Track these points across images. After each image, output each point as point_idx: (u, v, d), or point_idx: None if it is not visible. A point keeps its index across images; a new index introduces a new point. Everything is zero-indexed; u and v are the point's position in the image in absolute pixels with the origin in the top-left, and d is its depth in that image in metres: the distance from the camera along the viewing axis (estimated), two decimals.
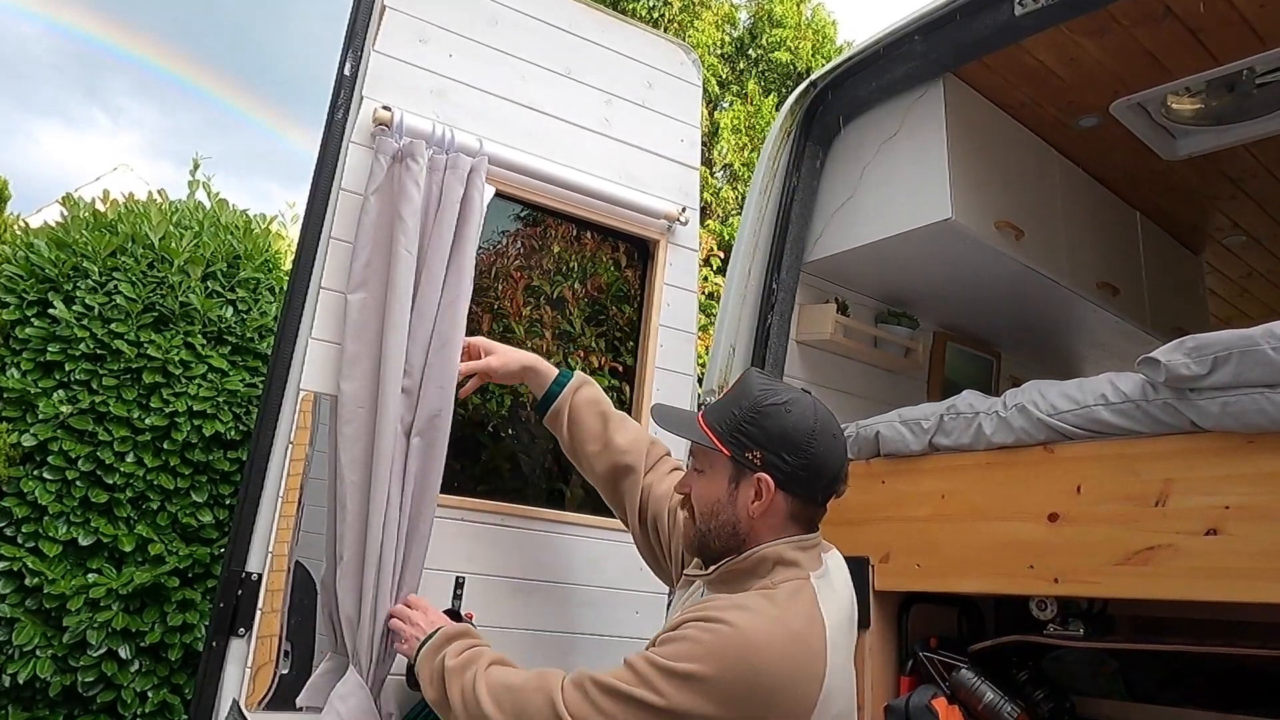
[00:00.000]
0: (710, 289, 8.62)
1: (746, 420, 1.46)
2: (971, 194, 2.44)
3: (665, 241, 2.40)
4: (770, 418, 1.46)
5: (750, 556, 1.46)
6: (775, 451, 1.45)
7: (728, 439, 1.47)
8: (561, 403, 1.92)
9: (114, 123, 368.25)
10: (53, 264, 2.65)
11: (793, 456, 1.45)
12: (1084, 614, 2.13)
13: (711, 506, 1.50)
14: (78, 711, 2.48)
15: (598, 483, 1.93)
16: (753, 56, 12.48)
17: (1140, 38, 2.29)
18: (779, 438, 1.45)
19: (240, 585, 1.79)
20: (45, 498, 2.47)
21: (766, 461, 1.45)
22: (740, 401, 1.49)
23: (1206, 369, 1.72)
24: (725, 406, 1.51)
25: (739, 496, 1.47)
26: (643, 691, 1.32)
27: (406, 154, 1.95)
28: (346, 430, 1.85)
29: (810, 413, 1.48)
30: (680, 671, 1.31)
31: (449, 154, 2.00)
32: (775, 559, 1.45)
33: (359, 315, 1.90)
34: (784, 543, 1.46)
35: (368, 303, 1.91)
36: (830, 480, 1.49)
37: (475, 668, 1.53)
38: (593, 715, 1.35)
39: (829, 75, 2.60)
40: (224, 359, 2.77)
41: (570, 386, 1.93)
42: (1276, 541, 1.63)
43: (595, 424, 1.90)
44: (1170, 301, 3.32)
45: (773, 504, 1.46)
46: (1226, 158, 2.86)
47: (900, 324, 2.96)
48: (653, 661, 1.35)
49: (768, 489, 1.45)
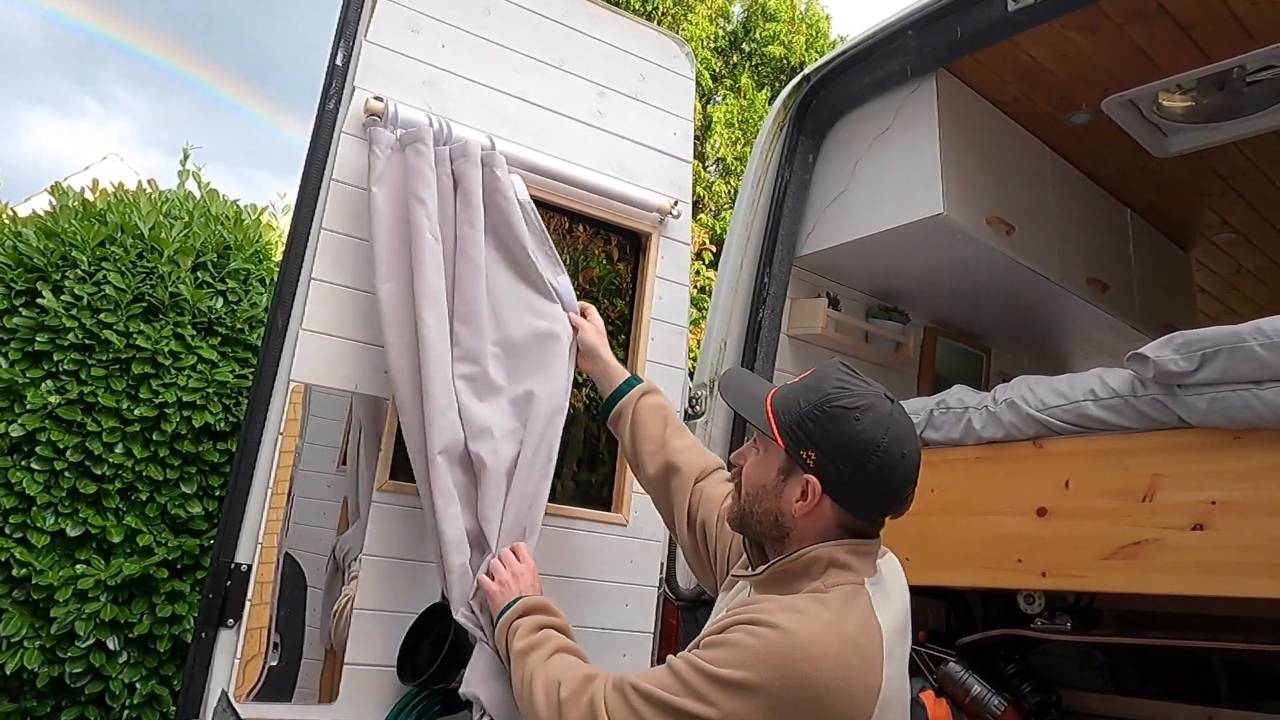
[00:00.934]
0: (702, 283, 8.63)
1: (809, 416, 1.36)
2: (963, 189, 2.44)
3: (657, 235, 2.39)
4: (835, 420, 1.34)
5: (802, 557, 1.38)
6: (831, 457, 1.34)
7: (786, 430, 1.38)
8: (626, 404, 1.93)
9: (105, 111, 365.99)
10: (41, 253, 2.64)
11: (849, 467, 1.34)
12: (1071, 608, 2.15)
13: (758, 490, 1.43)
14: (66, 702, 2.47)
15: (650, 483, 1.91)
16: (746, 50, 12.47)
17: (1132, 34, 2.29)
18: (839, 444, 1.34)
19: (229, 576, 1.79)
20: (33, 488, 2.45)
21: (820, 465, 1.35)
22: (810, 394, 1.38)
23: (1195, 365, 1.73)
24: (795, 394, 1.41)
25: (785, 490, 1.39)
26: (689, 702, 1.26)
27: (411, 140, 1.93)
28: (407, 419, 1.87)
29: (882, 426, 1.34)
30: (729, 679, 1.24)
31: (449, 145, 1.99)
32: (829, 561, 1.36)
33: (392, 307, 1.89)
34: (838, 545, 1.37)
35: (397, 292, 1.90)
36: (889, 500, 1.39)
37: (537, 656, 1.51)
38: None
39: (822, 70, 2.61)
40: (214, 350, 2.75)
41: (638, 390, 1.94)
42: (1262, 536, 1.65)
43: (656, 427, 1.89)
44: (1159, 298, 3.34)
45: (818, 508, 1.37)
46: (1217, 155, 2.87)
47: (891, 319, 2.96)
48: (699, 668, 1.27)
49: (814, 492, 1.36)
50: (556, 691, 1.40)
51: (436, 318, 1.88)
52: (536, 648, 1.54)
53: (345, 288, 1.97)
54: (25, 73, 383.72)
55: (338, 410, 1.95)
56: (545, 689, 1.43)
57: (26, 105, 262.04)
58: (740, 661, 1.24)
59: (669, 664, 1.32)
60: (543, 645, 1.54)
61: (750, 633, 1.26)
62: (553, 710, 1.39)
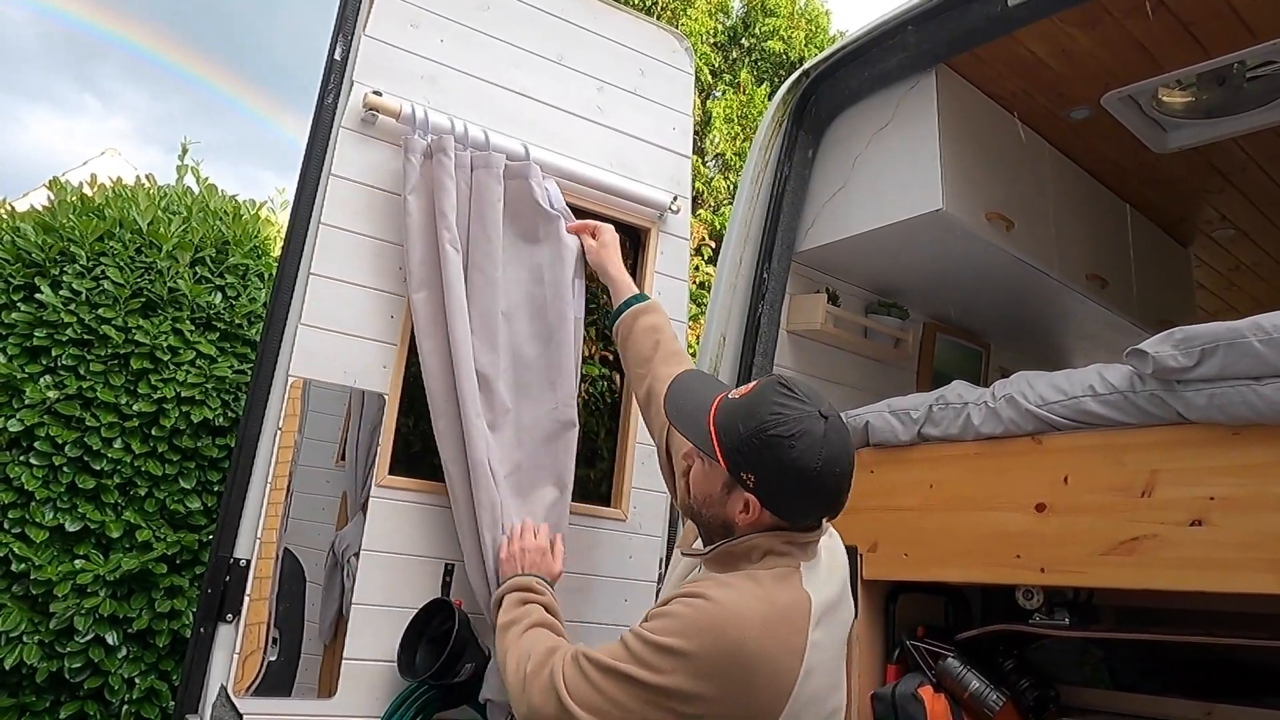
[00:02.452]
0: (701, 278, 8.62)
1: (747, 443, 1.41)
2: (962, 185, 2.44)
3: (656, 230, 2.39)
4: (771, 449, 1.39)
5: (744, 542, 1.47)
6: (768, 481, 1.42)
7: (727, 454, 1.44)
8: (622, 323, 2.02)
9: (105, 107, 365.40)
10: (39, 248, 2.63)
11: (786, 489, 1.42)
12: (1069, 603, 2.15)
13: (705, 497, 1.52)
14: (65, 697, 2.47)
15: (640, 404, 1.99)
16: (745, 46, 12.46)
17: (1132, 29, 2.29)
18: (775, 471, 1.40)
19: (228, 571, 1.79)
20: (32, 483, 2.45)
21: (758, 486, 1.42)
22: (749, 420, 1.42)
23: (1194, 361, 1.73)
24: (736, 417, 1.45)
25: (729, 502, 1.48)
26: (634, 668, 1.36)
27: (437, 149, 1.99)
28: (440, 424, 1.94)
29: (815, 451, 1.39)
30: (666, 645, 1.34)
31: (470, 152, 2.05)
32: (766, 549, 1.46)
33: (424, 315, 1.96)
34: (776, 535, 1.47)
35: (429, 300, 1.96)
36: (825, 509, 1.48)
37: (515, 630, 1.61)
38: (589, 692, 1.39)
39: (821, 65, 2.60)
40: (212, 345, 2.75)
41: (635, 309, 2.01)
42: (1260, 532, 1.65)
43: (647, 350, 1.95)
44: (1158, 294, 3.34)
45: (760, 517, 1.46)
46: (1216, 151, 2.87)
47: (890, 314, 2.96)
48: (643, 638, 1.38)
49: (755, 508, 1.45)
50: (525, 664, 1.50)
51: (462, 328, 1.94)
52: (516, 622, 1.64)
53: (344, 283, 1.97)
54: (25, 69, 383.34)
55: (337, 405, 1.95)
56: (517, 662, 1.53)
57: (26, 102, 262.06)
58: (675, 630, 1.35)
59: (621, 637, 1.43)
60: (521, 620, 1.64)
61: (687, 604, 1.38)
62: (520, 682, 1.49)
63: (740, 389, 1.53)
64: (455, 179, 2.00)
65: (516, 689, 1.49)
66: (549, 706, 1.41)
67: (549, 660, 1.47)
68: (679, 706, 1.33)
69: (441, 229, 1.96)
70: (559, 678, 1.42)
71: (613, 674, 1.38)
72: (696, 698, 1.33)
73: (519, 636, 1.59)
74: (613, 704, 1.37)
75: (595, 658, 1.42)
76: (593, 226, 2.15)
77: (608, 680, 1.38)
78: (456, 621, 1.83)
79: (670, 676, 1.33)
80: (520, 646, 1.56)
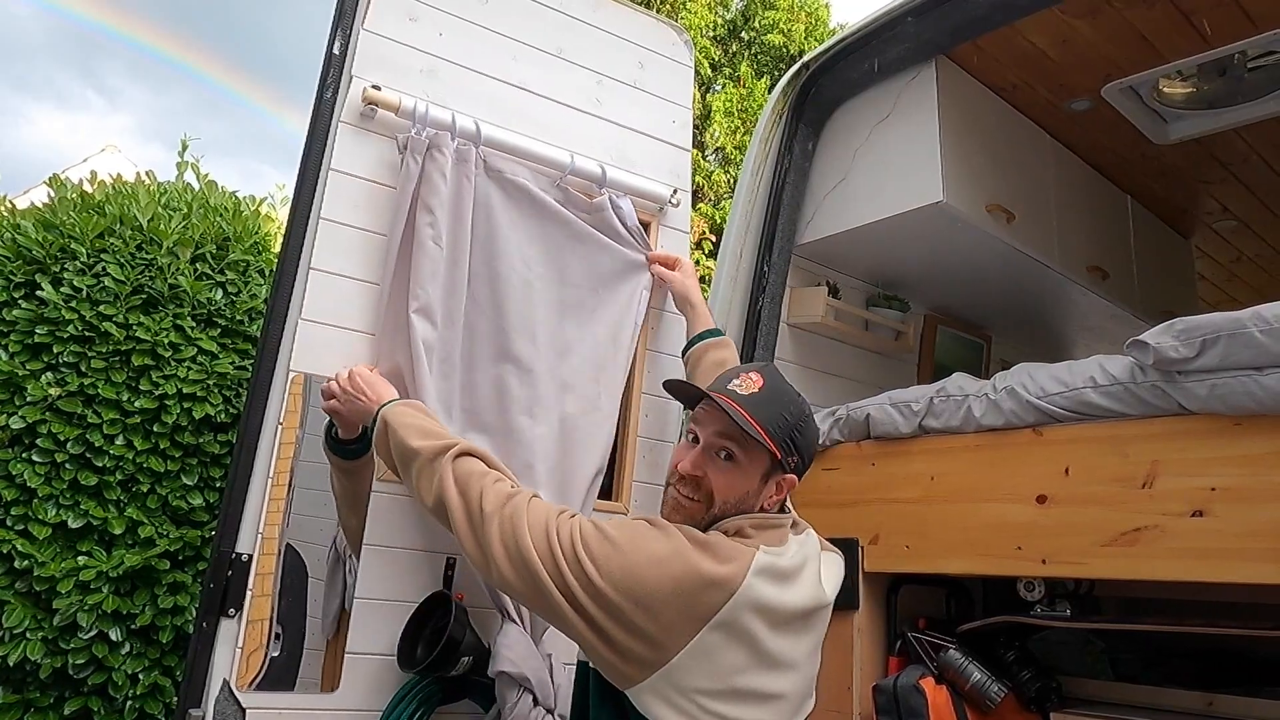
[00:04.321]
0: (702, 272, 8.62)
1: (797, 428, 1.54)
2: (963, 177, 2.44)
3: (656, 223, 2.39)
4: (809, 427, 1.58)
5: (716, 529, 1.51)
6: (806, 458, 1.57)
7: (781, 442, 1.51)
8: (691, 355, 2.14)
9: (109, 104, 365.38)
10: (40, 245, 2.63)
11: (809, 461, 1.59)
12: (1071, 595, 2.15)
13: (739, 498, 1.53)
14: (69, 693, 2.48)
15: None
16: (745, 39, 12.42)
17: (1133, 19, 2.28)
18: (808, 446, 1.58)
19: (230, 566, 1.79)
20: (34, 480, 2.45)
21: (798, 466, 1.56)
22: (790, 408, 1.55)
23: (1195, 352, 1.73)
24: (774, 407, 1.52)
25: (764, 491, 1.54)
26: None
27: (434, 145, 1.99)
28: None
29: (815, 423, 1.62)
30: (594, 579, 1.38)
31: (479, 148, 2.06)
32: (735, 531, 1.50)
33: (389, 307, 1.95)
34: (744, 518, 1.51)
35: (392, 293, 1.95)
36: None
37: (441, 460, 1.58)
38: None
39: (821, 57, 2.60)
40: (214, 341, 2.75)
41: (708, 344, 2.12)
42: (1261, 522, 1.65)
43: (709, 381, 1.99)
44: (1160, 286, 3.33)
45: (783, 495, 1.59)
46: (1218, 142, 2.86)
47: (891, 307, 2.96)
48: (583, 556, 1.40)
49: (790, 488, 1.58)
50: (481, 502, 1.50)
51: (424, 325, 1.91)
52: (435, 451, 1.60)
53: (344, 277, 1.97)
54: (29, 66, 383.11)
55: None
56: (461, 497, 1.53)
57: (30, 99, 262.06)
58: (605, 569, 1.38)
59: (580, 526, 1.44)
60: (440, 447, 1.61)
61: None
62: (476, 526, 1.49)
63: (747, 380, 1.55)
64: (451, 176, 1.99)
65: (469, 531, 1.50)
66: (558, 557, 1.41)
67: (531, 509, 1.47)
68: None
69: (423, 224, 1.94)
70: (576, 536, 1.41)
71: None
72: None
73: (448, 465, 1.57)
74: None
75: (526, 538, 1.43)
76: (673, 259, 2.28)
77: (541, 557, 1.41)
78: (453, 614, 1.83)
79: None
80: (460, 480, 1.55)
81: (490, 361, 2.01)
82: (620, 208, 2.24)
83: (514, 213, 2.09)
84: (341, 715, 1.84)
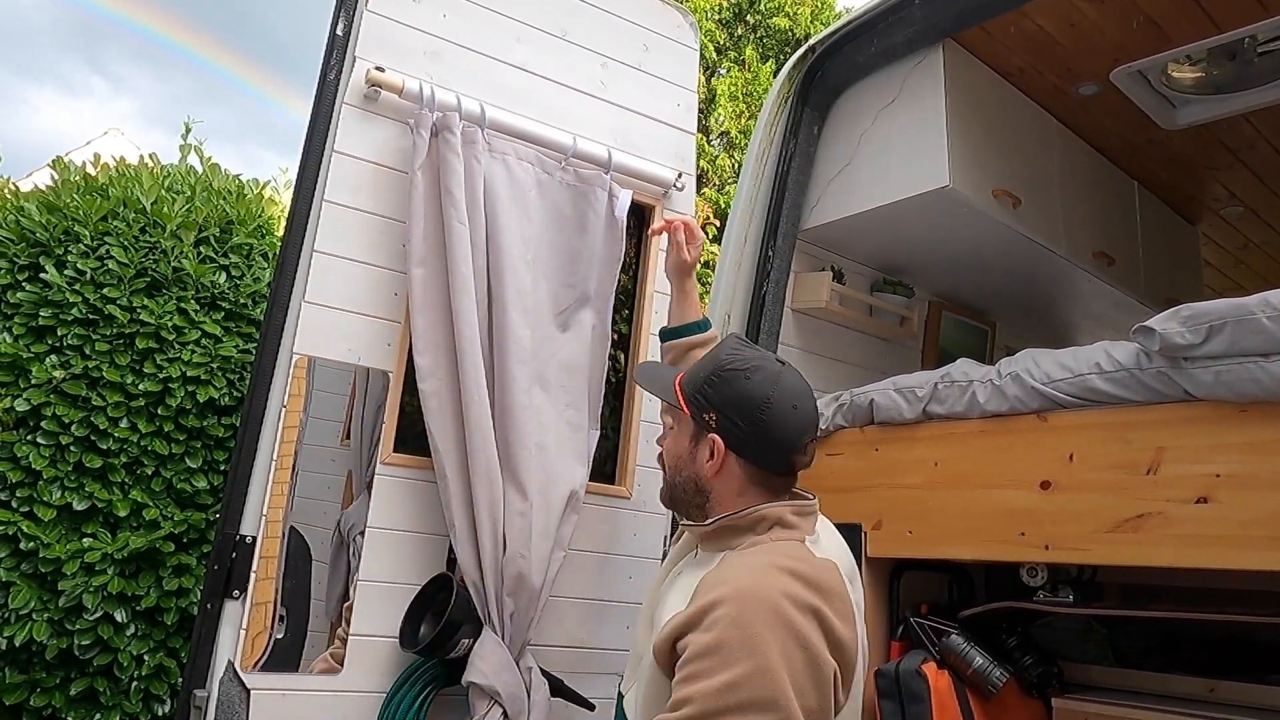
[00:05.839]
0: (706, 257, 8.59)
1: (707, 382, 1.51)
2: (969, 162, 2.42)
3: (661, 207, 2.38)
4: (728, 383, 1.49)
5: (749, 514, 1.45)
6: (728, 415, 1.47)
7: (690, 399, 1.52)
8: (675, 346, 2.05)
9: (112, 89, 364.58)
10: (43, 228, 2.63)
11: (744, 422, 1.46)
12: (1074, 581, 2.15)
13: (676, 461, 1.56)
14: (74, 674, 2.50)
15: None
16: (751, 23, 12.34)
17: (1141, 3, 2.26)
18: (734, 401, 1.47)
19: (234, 548, 1.80)
20: (39, 463, 2.46)
21: (720, 424, 1.48)
22: (707, 364, 1.54)
23: (1201, 338, 1.72)
24: (698, 367, 1.57)
25: (698, 455, 1.51)
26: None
27: (442, 127, 1.99)
28: (432, 403, 1.93)
29: (770, 382, 1.48)
30: (724, 684, 1.21)
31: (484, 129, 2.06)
32: (775, 520, 1.44)
33: (423, 290, 1.95)
34: (784, 505, 1.46)
35: (429, 276, 1.96)
36: (785, 451, 1.48)
37: None
38: None
39: (827, 41, 2.57)
40: (217, 324, 2.76)
41: (693, 340, 2.03)
42: (1266, 510, 1.64)
43: None
44: (1166, 272, 3.32)
45: (725, 466, 1.48)
46: (1226, 127, 2.84)
47: (896, 293, 2.95)
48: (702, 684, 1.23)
49: (719, 450, 1.48)
50: None
51: (467, 304, 1.93)
52: None
53: (348, 260, 1.97)
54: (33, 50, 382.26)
55: (341, 383, 1.96)
56: None
57: (34, 84, 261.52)
58: (727, 660, 1.22)
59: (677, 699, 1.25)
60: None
61: (711, 625, 1.25)
62: None
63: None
64: (463, 156, 1.99)
65: None
66: None
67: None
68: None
69: (447, 206, 1.95)
70: None
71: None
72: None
73: None
74: None
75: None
76: (691, 226, 2.10)
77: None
78: (454, 596, 1.84)
79: (749, 670, 1.21)
80: None
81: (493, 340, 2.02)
82: (617, 197, 2.22)
83: (513, 191, 2.08)
84: (346, 696, 1.85)
